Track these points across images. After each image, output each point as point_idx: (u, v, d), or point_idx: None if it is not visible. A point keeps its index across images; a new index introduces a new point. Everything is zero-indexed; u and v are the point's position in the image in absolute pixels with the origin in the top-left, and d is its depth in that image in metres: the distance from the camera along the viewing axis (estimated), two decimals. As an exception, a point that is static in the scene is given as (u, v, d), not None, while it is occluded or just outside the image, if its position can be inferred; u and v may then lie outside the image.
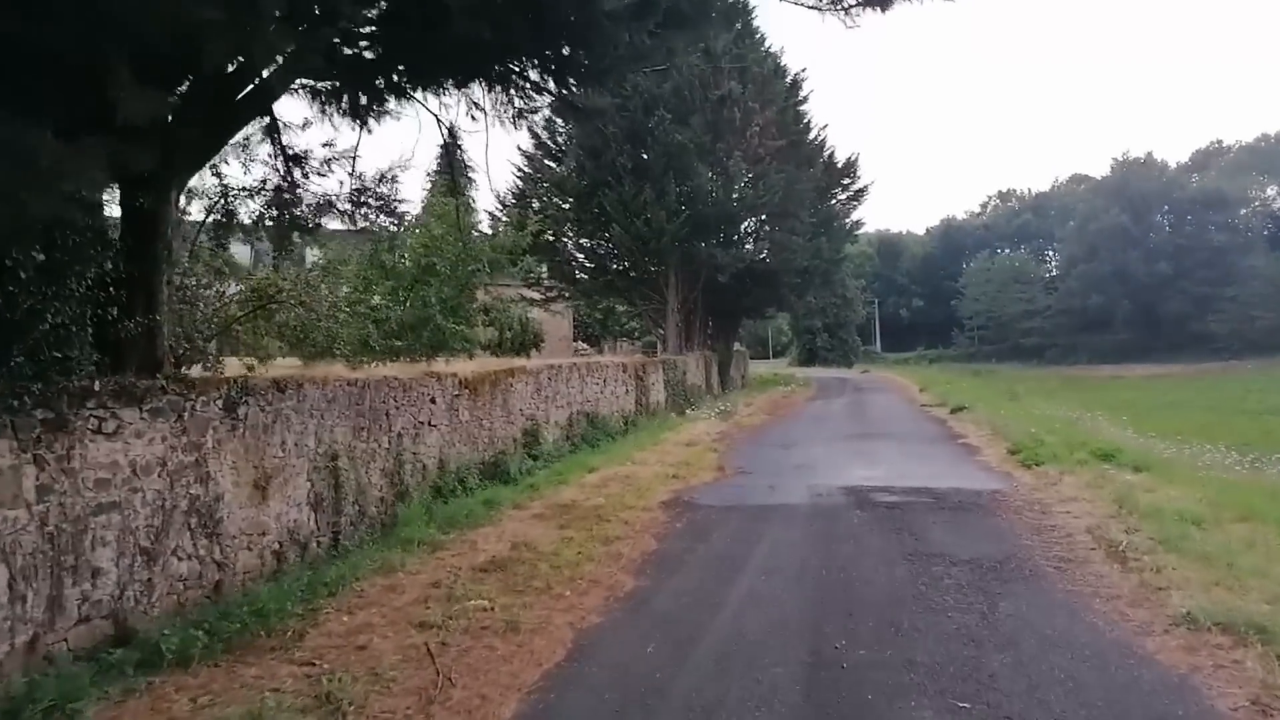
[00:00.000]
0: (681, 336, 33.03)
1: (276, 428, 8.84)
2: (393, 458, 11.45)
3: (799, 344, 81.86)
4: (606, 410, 20.80)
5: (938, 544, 8.67)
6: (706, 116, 29.80)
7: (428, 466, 12.40)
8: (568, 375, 18.70)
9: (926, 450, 16.15)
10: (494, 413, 14.94)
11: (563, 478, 12.73)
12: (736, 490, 12.14)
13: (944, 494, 11.39)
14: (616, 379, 21.97)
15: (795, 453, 16.12)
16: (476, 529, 9.47)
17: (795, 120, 34.33)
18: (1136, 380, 63.22)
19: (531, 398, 16.74)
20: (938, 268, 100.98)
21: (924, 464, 14.27)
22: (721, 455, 15.73)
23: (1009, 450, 15.17)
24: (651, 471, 13.41)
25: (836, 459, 15.09)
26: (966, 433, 18.55)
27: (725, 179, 29.64)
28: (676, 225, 29.14)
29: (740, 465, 14.50)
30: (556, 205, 31.39)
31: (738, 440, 18.41)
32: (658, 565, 8.05)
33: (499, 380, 15.28)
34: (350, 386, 10.47)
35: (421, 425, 12.39)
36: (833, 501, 11.10)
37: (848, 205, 40.48)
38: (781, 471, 13.77)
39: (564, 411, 18.28)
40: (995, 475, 13.05)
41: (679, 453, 15.78)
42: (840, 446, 16.95)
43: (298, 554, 8.97)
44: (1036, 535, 9.09)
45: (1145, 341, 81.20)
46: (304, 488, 9.30)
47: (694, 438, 18.22)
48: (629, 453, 15.44)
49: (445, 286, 17.69)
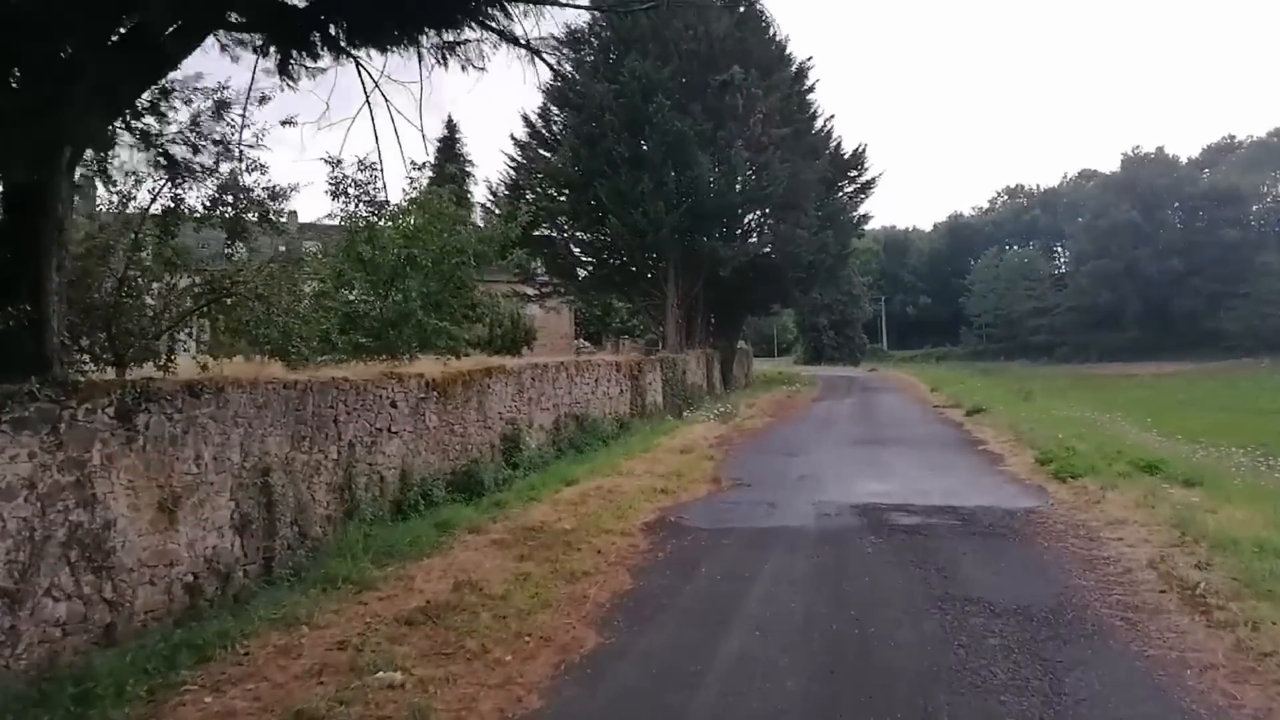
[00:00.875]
0: (682, 334, 31.42)
1: (189, 439, 7.33)
2: (342, 470, 9.94)
3: (804, 342, 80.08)
4: (598, 412, 19.25)
5: (972, 583, 7.06)
6: (707, 103, 28.17)
7: (386, 479, 10.90)
8: (554, 375, 17.16)
9: (944, 459, 14.52)
10: (468, 417, 13.42)
11: (536, 492, 11.14)
12: (732, 508, 10.53)
13: (971, 514, 9.77)
14: (609, 379, 20.40)
15: (799, 461, 14.51)
16: (420, 560, 7.89)
17: (800, 108, 32.66)
18: (1148, 379, 61.75)
19: (512, 400, 15.22)
20: (945, 265, 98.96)
21: (943, 475, 12.64)
22: (718, 464, 14.13)
23: (1037, 459, 13.53)
24: (638, 484, 11.81)
25: (845, 469, 13.47)
26: (986, 438, 16.90)
27: (727, 168, 27.98)
28: (676, 217, 27.54)
29: (738, 476, 12.89)
30: (551, 197, 29.78)
31: (737, 446, 16.79)
32: (629, 613, 6.46)
33: (474, 381, 13.74)
34: (288, 390, 8.93)
35: (379, 432, 10.87)
36: (842, 523, 9.49)
37: (855, 198, 38.79)
38: (783, 484, 12.17)
39: (550, 414, 16.75)
40: (1026, 490, 11.42)
41: (671, 461, 14.18)
42: (849, 454, 15.33)
43: (218, 586, 7.48)
44: (1089, 571, 7.47)
45: (1156, 339, 79.37)
46: (226, 509, 7.82)
47: (690, 443, 16.62)
48: (616, 461, 13.85)
49: (430, 281, 16.34)
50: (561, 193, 30.15)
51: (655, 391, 24.60)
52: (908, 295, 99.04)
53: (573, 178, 28.84)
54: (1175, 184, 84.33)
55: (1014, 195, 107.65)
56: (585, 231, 30.67)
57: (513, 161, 30.37)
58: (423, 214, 16.96)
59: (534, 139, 30.46)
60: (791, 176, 29.53)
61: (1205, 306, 77.84)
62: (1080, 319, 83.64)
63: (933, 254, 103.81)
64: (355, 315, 15.52)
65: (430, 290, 16.80)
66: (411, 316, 15.78)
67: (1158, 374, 63.55)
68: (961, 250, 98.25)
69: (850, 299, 71.12)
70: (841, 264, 39.70)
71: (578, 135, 29.05)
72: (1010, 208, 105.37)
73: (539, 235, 30.90)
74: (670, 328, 30.28)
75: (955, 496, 10.84)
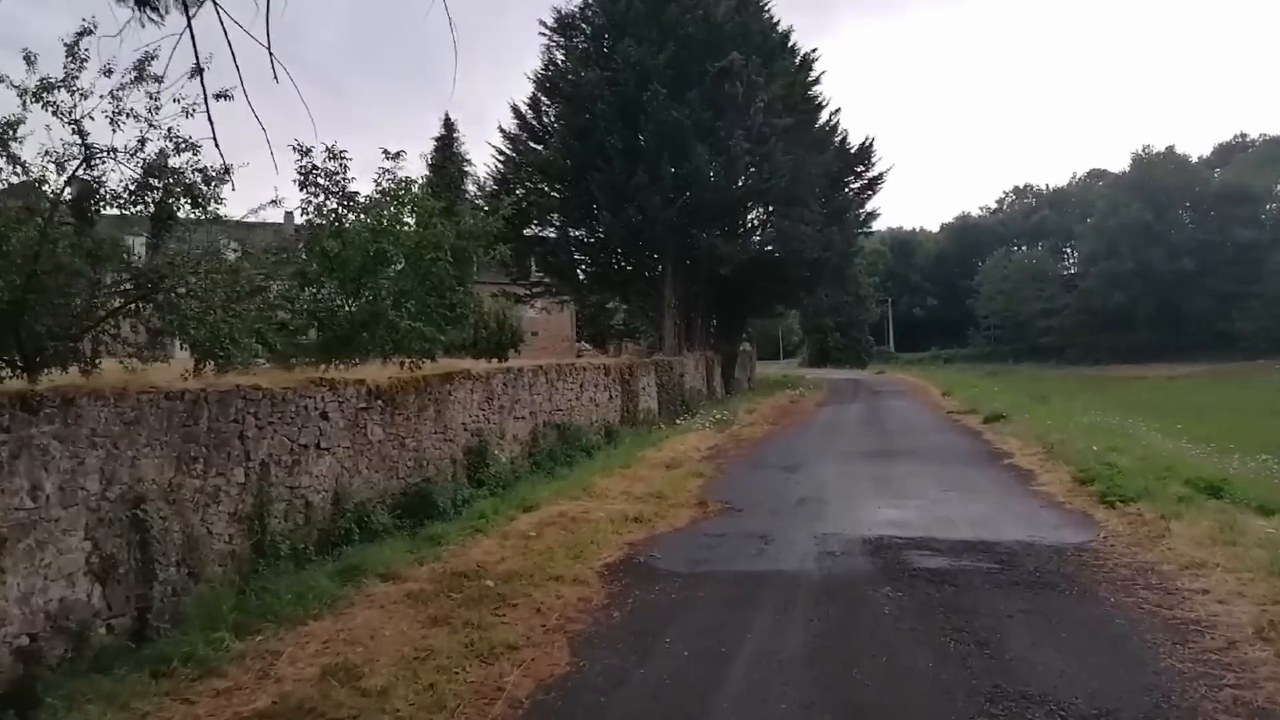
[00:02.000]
0: (680, 336, 29.48)
1: (20, 466, 5.49)
2: (251, 496, 8.11)
3: (810, 344, 77.94)
4: (583, 420, 17.36)
5: (1028, 667, 5.09)
6: (705, 91, 26.25)
7: (314, 504, 9.06)
8: (531, 381, 15.30)
9: (967, 475, 12.52)
10: (422, 429, 11.58)
11: (486, 522, 9.23)
12: (715, 543, 8.58)
13: (1010, 554, 7.78)
14: (596, 384, 18.50)
15: (800, 478, 12.54)
16: (301, 626, 5.97)
17: (804, 98, 30.68)
18: (1159, 381, 59.79)
19: (479, 408, 13.39)
20: (952, 266, 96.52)
21: (969, 498, 10.66)
22: (707, 482, 12.18)
23: (1075, 477, 11.53)
24: (610, 509, 9.88)
25: (852, 489, 11.51)
26: (1011, 449, 14.90)
27: (727, 161, 26.00)
28: (672, 212, 25.64)
29: (728, 498, 10.93)
30: (542, 191, 27.88)
31: (732, 458, 14.84)
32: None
33: (430, 388, 11.89)
34: (172, 401, 7.06)
35: (304, 450, 9.02)
36: (850, 567, 7.52)
37: (862, 194, 36.74)
38: (780, 509, 10.21)
39: (526, 424, 14.90)
40: (1071, 519, 9.43)
41: (655, 478, 12.25)
42: (857, 469, 13.35)
43: (68, 648, 5.69)
44: (1179, 644, 5.50)
45: (1168, 341, 77.20)
46: (79, 551, 6.11)
47: (679, 455, 14.70)
48: (591, 479, 11.92)
49: (404, 278, 14.59)
50: (554, 187, 28.26)
51: (649, 397, 22.72)
52: (914, 297, 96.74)
53: (563, 171, 26.96)
54: (1187, 183, 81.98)
55: (1022, 195, 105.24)
56: (577, 228, 28.75)
57: (501, 155, 28.51)
58: (397, 205, 15.31)
59: (523, 130, 28.58)
60: (795, 169, 27.60)
61: (1218, 307, 75.53)
62: (1090, 320, 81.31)
63: (940, 255, 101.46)
64: (323, 315, 13.91)
65: (404, 289, 15.17)
66: (382, 317, 14.03)
67: (1169, 376, 61.57)
68: (969, 251, 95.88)
69: (856, 300, 69.01)
70: (847, 263, 37.63)
71: (568, 126, 27.19)
72: (1019, 208, 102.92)
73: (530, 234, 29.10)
74: (667, 329, 28.35)
75: (987, 527, 8.87)
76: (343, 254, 14.88)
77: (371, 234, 14.95)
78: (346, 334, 14.55)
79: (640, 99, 25.38)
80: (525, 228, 28.93)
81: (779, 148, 27.15)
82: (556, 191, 27.79)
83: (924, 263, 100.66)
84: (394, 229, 15.19)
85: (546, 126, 28.38)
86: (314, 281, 14.75)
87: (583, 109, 26.55)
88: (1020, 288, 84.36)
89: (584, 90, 26.41)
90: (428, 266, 15.62)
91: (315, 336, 14.37)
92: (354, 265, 14.50)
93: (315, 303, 14.50)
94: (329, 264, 14.83)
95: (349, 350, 12.83)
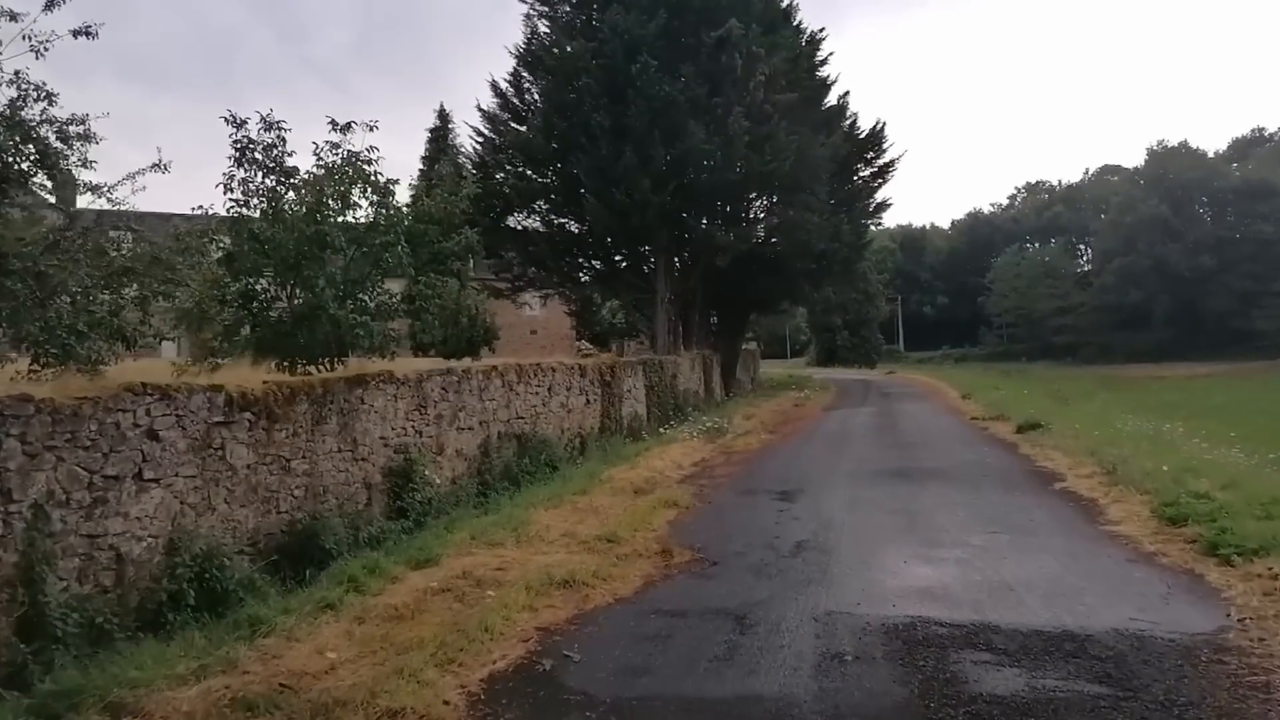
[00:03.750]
0: (674, 333, 26.61)
1: None
2: (16, 552, 5.45)
3: (818, 342, 74.68)
4: (551, 429, 14.58)
5: None
6: (701, 64, 23.35)
7: (132, 557, 6.34)
8: (482, 384, 12.55)
9: (1016, 506, 9.58)
10: (319, 447, 8.84)
11: (342, 592, 6.36)
12: (668, 632, 5.67)
13: (1116, 657, 4.88)
14: (569, 387, 15.69)
15: (799, 510, 9.63)
16: None
17: (810, 74, 27.74)
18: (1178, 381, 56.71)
19: (407, 419, 10.65)
20: (963, 263, 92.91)
21: (1027, 544, 7.76)
22: (680, 516, 9.31)
23: (1158, 513, 8.61)
24: (536, 565, 7.04)
25: (867, 528, 8.62)
26: (1059, 468, 11.98)
27: (724, 141, 23.02)
28: (664, 197, 22.74)
29: (701, 542, 8.06)
30: (524, 176, 25.01)
31: (718, 479, 11.96)
32: None
33: (331, 395, 9.11)
34: None
35: (114, 483, 6.27)
36: (869, 691, 4.62)
37: (872, 183, 33.77)
38: (768, 564, 7.31)
39: (474, 436, 12.17)
40: (1176, 582, 6.50)
41: (613, 511, 9.40)
42: (871, 497, 10.41)
43: None
44: None
45: (1186, 339, 73.97)
46: None
47: (655, 474, 11.87)
48: (527, 513, 9.07)
49: (353, 266, 12.03)
50: (541, 172, 25.37)
51: (635, 401, 19.89)
52: (925, 295, 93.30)
53: (545, 153, 24.11)
54: (1204, 178, 78.54)
55: (1034, 191, 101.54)
56: (560, 215, 25.88)
57: (480, 136, 25.68)
58: (345, 183, 12.77)
59: (504, 110, 25.73)
60: (799, 151, 24.63)
61: (1237, 305, 72.36)
62: (1106, 318, 78.01)
63: (950, 252, 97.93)
64: (255, 309, 11.37)
65: (353, 278, 12.63)
66: (323, 310, 11.46)
67: (1189, 375, 58.42)
68: (980, 248, 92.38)
69: (865, 297, 65.76)
70: (857, 256, 34.56)
71: (551, 103, 24.33)
72: (1031, 204, 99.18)
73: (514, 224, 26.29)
74: (660, 326, 25.47)
75: (1066, 601, 5.97)
76: (275, 237, 12.44)
77: (308, 214, 12.46)
78: (288, 329, 12.09)
79: (629, 72, 22.51)
80: (508, 215, 26.20)
81: (782, 127, 24.20)
82: (538, 175, 24.94)
83: (934, 260, 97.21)
84: (334, 209, 12.74)
85: (529, 105, 25.52)
86: (250, 271, 12.31)
87: (566, 84, 23.71)
88: (1033, 285, 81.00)
89: (568, 64, 23.58)
90: (378, 252, 13.21)
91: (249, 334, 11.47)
92: (286, 249, 12.01)
93: (248, 295, 12.07)
94: (260, 249, 12.43)
95: (286, 349, 11.01)
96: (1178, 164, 79.98)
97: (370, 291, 14.36)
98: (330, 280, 12.83)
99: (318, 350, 12.40)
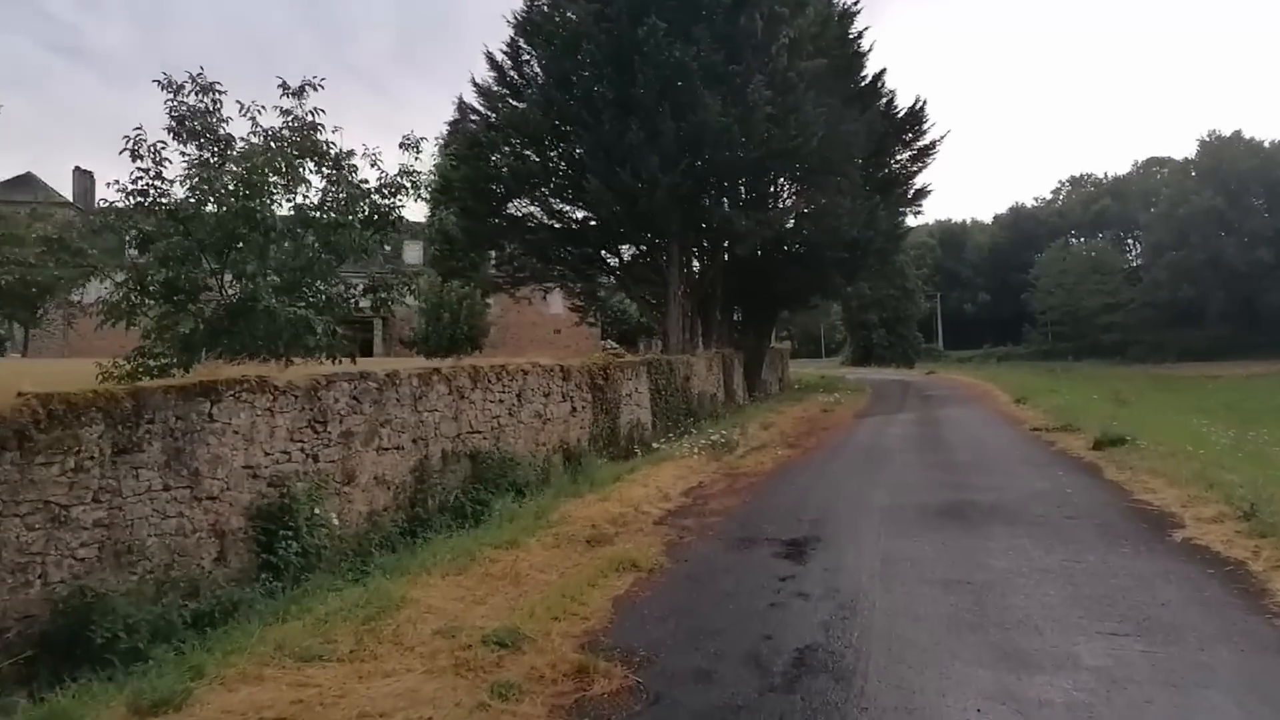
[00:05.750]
0: (689, 330, 23.54)
1: None
2: None
3: (853, 341, 70.70)
4: (521, 444, 11.69)
5: None
6: (716, 26, 20.19)
7: None
8: (418, 390, 9.72)
9: (1133, 579, 6.28)
10: (128, 486, 5.99)
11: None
12: None
13: None
14: (547, 392, 12.74)
15: (808, 582, 6.43)
16: None
17: (842, 42, 24.42)
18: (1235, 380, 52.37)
19: (291, 439, 7.79)
20: (1006, 259, 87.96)
21: (1176, 667, 4.57)
22: (633, 589, 6.22)
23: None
24: (356, 709, 4.08)
25: (913, 627, 5.42)
26: (1167, 504, 8.66)
27: (743, 113, 19.85)
28: (675, 176, 19.66)
29: (645, 651, 4.97)
30: (523, 157, 22.07)
31: (708, 519, 8.83)
32: None
33: (152, 413, 6.22)
34: None
35: None
36: None
37: (911, 167, 30.28)
38: (740, 710, 4.25)
39: (402, 457, 9.32)
40: None
41: (545, 576, 6.38)
42: (916, 555, 7.19)
43: None
44: None
45: (1242, 337, 68.95)
46: None
47: (627, 511, 8.82)
48: (416, 585, 6.08)
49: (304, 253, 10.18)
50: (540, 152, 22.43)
51: (638, 407, 16.88)
52: (965, 292, 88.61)
53: (542, 129, 21.16)
54: (1261, 167, 73.07)
55: (1079, 185, 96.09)
56: (560, 199, 22.89)
57: (474, 114, 22.80)
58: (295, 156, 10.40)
59: (502, 85, 22.83)
60: (829, 126, 21.41)
61: (1298, 301, 67.22)
62: (1157, 315, 73.07)
63: (992, 247, 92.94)
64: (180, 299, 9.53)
65: (301, 265, 10.04)
66: (259, 303, 9.46)
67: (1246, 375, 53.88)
68: (1023, 243, 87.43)
69: (903, 294, 61.77)
70: (894, 246, 31.06)
71: (550, 74, 21.39)
72: (1077, 197, 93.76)
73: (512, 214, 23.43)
74: (672, 323, 22.37)
75: None
76: (197, 214, 9.94)
77: (238, 189, 9.91)
78: (226, 326, 9.76)
79: (635, 37, 19.46)
80: (508, 202, 23.34)
81: (809, 98, 20.98)
82: (537, 156, 21.99)
83: (975, 256, 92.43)
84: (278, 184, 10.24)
85: (528, 79, 22.58)
86: (179, 259, 9.88)
87: (567, 53, 20.77)
88: (1080, 281, 76.13)
89: (569, 30, 20.61)
90: (325, 234, 10.68)
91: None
92: (208, 228, 9.67)
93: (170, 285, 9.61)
94: (180, 229, 10.00)
95: (221, 348, 9.42)
96: (1232, 154, 74.63)
97: (327, 281, 11.77)
98: (262, 268, 10.31)
99: (259, 350, 9.58)
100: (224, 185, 9.85)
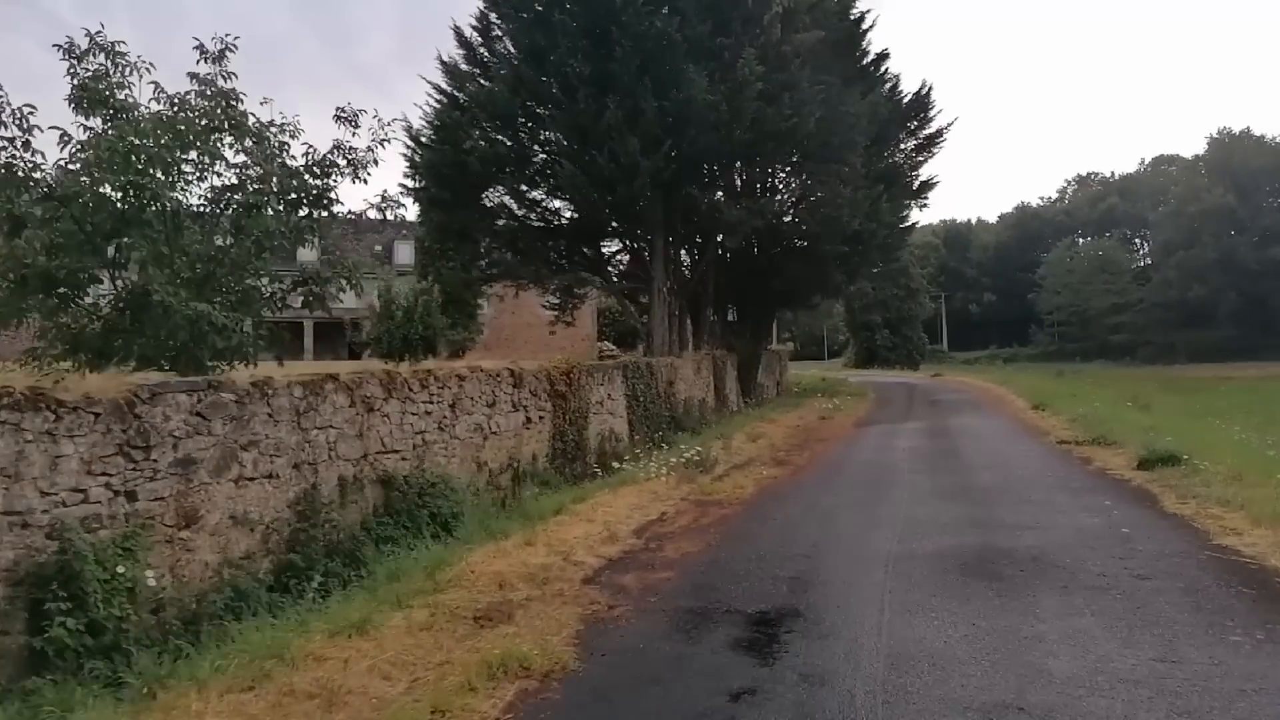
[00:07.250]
0: (676, 330, 21.30)
1: None
2: None
3: (856, 342, 68.21)
4: (457, 465, 9.56)
5: None
6: (702, -4, 18.00)
7: None
8: (301, 403, 7.45)
9: (1265, 688, 4.12)
10: None
11: None
12: None
13: None
14: (491, 401, 10.54)
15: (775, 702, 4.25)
16: None
17: (841, 15, 22.17)
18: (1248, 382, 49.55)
19: (86, 471, 5.55)
20: (1011, 259, 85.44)
21: None
22: (515, 704, 4.03)
23: None
24: None
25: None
26: (1262, 552, 6.41)
27: (732, 90, 17.61)
28: (658, 160, 17.43)
29: None
30: (490, 139, 19.84)
31: (656, 574, 6.56)
32: None
33: None
34: None
35: None
36: None
37: (916, 157, 28.01)
38: None
39: (277, 488, 7.12)
40: None
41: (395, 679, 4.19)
42: (936, 646, 4.90)
43: None
44: None
45: (1254, 337, 66.44)
46: None
47: (552, 563, 6.59)
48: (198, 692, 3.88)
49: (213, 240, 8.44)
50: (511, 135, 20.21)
51: (612, 415, 14.72)
52: (970, 292, 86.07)
53: (511, 109, 18.94)
54: (1273, 165, 70.65)
55: (1086, 183, 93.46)
56: (533, 188, 20.68)
57: (440, 94, 20.61)
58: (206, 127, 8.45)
59: (470, 63, 20.64)
60: (827, 106, 19.18)
61: (1312, 300, 64.75)
62: (1166, 315, 70.56)
63: (998, 247, 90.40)
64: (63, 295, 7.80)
65: (211, 253, 8.52)
66: (149, 296, 7.58)
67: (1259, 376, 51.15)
68: (1030, 243, 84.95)
69: (907, 293, 59.29)
70: (898, 240, 28.75)
71: (519, 46, 19.19)
72: (1084, 196, 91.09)
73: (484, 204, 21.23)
74: (655, 322, 20.13)
75: None
76: (75, 193, 7.65)
77: (123, 160, 7.63)
78: (124, 325, 7.97)
79: (612, 6, 17.25)
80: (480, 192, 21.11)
81: (805, 75, 18.77)
82: (508, 140, 19.77)
83: (980, 256, 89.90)
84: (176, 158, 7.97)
85: (500, 57, 20.36)
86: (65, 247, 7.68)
87: (539, 24, 18.56)
88: (1088, 281, 73.64)
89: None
90: (238, 218, 8.41)
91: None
92: (89, 209, 7.79)
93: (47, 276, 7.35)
94: (53, 209, 7.74)
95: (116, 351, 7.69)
96: (1243, 151, 72.18)
97: (247, 273, 9.61)
98: (156, 256, 8.22)
99: (163, 351, 7.80)
100: (107, 158, 7.73)
